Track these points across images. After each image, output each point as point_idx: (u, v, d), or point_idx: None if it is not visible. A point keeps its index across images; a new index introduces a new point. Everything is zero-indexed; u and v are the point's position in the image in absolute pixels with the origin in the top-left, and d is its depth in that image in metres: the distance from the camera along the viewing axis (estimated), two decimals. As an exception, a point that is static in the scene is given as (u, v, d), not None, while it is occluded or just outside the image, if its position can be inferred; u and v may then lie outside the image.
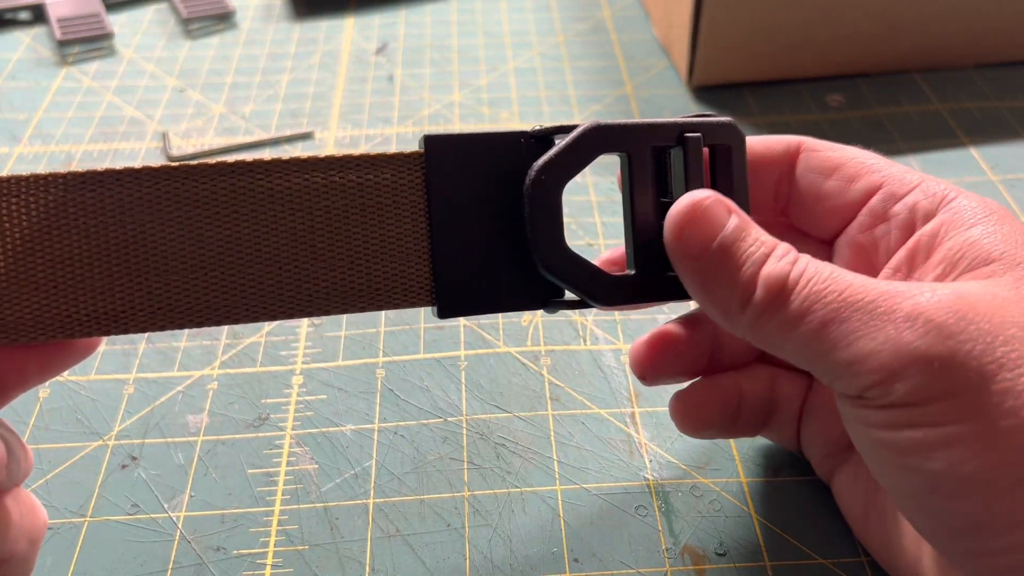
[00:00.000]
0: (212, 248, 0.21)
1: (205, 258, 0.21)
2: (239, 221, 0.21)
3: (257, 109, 0.47)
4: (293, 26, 0.54)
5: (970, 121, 0.44)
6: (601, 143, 0.23)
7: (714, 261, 0.21)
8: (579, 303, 0.23)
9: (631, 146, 0.23)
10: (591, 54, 0.51)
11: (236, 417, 0.31)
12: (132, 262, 0.20)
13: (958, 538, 0.19)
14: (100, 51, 0.52)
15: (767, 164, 0.25)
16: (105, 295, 0.20)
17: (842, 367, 0.19)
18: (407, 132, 0.45)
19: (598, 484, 0.29)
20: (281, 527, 0.27)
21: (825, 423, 0.26)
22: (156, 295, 0.21)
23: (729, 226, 0.21)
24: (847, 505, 0.26)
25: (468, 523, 0.27)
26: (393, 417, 0.31)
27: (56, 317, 0.20)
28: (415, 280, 0.22)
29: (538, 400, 0.31)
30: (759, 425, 0.27)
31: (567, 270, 0.22)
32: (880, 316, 0.19)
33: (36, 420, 0.31)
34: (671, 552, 0.27)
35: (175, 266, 0.21)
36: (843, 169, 0.24)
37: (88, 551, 0.27)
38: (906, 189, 0.23)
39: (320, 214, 0.22)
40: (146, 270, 0.21)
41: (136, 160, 0.43)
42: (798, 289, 0.20)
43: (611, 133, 0.23)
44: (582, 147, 0.22)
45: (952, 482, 0.18)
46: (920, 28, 0.46)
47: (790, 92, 0.47)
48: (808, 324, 0.20)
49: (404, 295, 0.22)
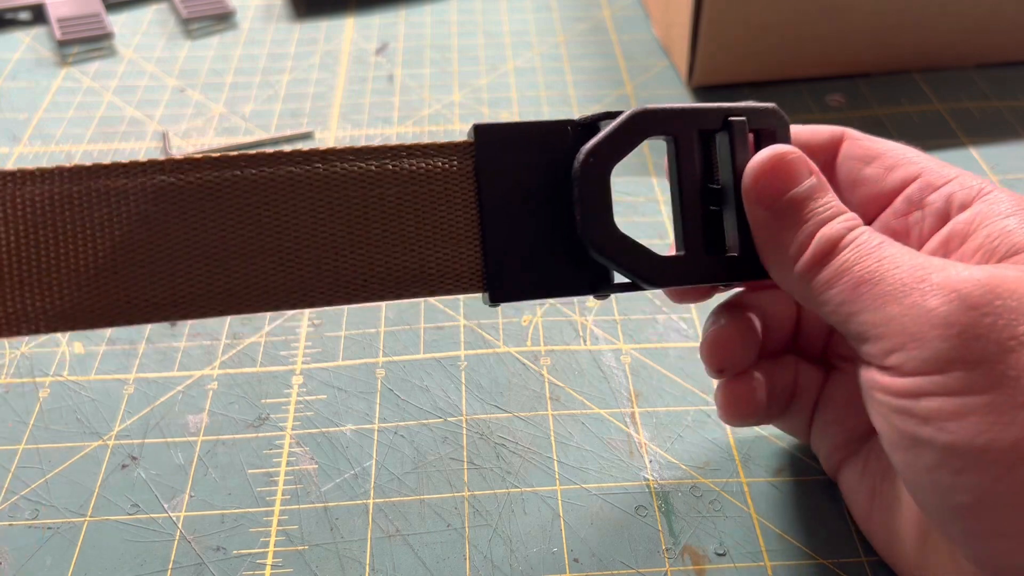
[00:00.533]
0: (271, 234, 0.21)
1: (264, 244, 0.21)
2: (297, 207, 0.21)
3: (257, 109, 0.47)
4: (293, 26, 0.54)
5: (970, 121, 0.44)
6: (648, 127, 0.23)
7: (784, 212, 0.22)
8: (628, 286, 0.23)
9: (677, 130, 0.23)
10: (591, 54, 0.51)
11: (236, 417, 0.31)
12: (202, 251, 0.21)
13: (964, 517, 0.19)
14: (100, 51, 0.52)
15: (811, 152, 0.26)
16: (184, 280, 0.21)
17: (867, 330, 0.20)
18: (407, 132, 0.45)
19: (598, 484, 0.29)
20: (281, 527, 0.27)
21: (838, 414, 0.26)
22: (227, 280, 0.21)
23: (806, 183, 0.22)
24: (852, 497, 0.26)
25: (468, 523, 0.27)
26: (393, 417, 0.31)
27: (155, 298, 0.21)
28: (467, 266, 0.23)
29: (538, 400, 0.31)
30: (781, 413, 0.27)
31: (617, 251, 0.22)
32: (910, 284, 0.20)
33: (36, 420, 0.31)
34: (671, 552, 0.27)
35: (240, 252, 0.21)
36: (883, 158, 0.25)
37: (88, 551, 0.27)
38: (943, 180, 0.24)
39: (374, 201, 0.22)
40: (215, 257, 0.21)
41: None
42: (843, 252, 0.21)
43: (658, 117, 0.23)
44: (629, 130, 0.23)
45: (963, 455, 0.18)
46: (920, 28, 0.46)
47: (790, 92, 0.47)
48: (844, 283, 0.21)
49: (456, 281, 0.22)
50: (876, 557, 0.26)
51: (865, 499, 0.25)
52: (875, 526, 0.25)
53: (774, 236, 0.23)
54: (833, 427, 0.27)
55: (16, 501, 0.28)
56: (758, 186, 0.23)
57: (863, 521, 0.26)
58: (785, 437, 0.30)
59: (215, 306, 0.21)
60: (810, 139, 0.26)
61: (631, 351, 0.33)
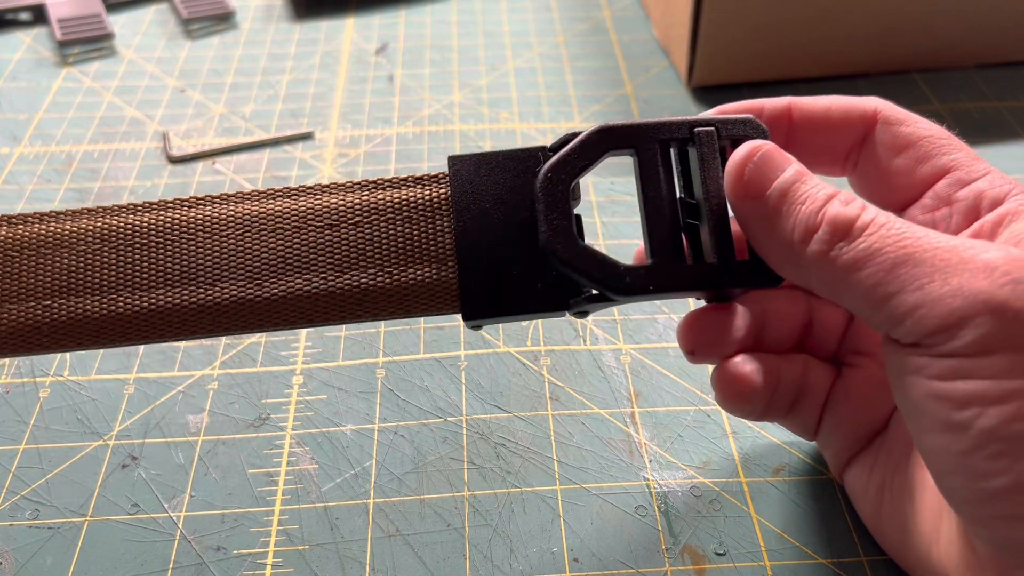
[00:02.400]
0: (257, 259, 0.23)
1: (252, 268, 0.23)
2: (279, 236, 0.24)
3: (257, 109, 0.47)
4: (293, 26, 0.54)
5: (970, 121, 0.44)
6: (607, 142, 0.23)
7: (776, 199, 0.22)
8: (599, 298, 0.23)
9: (637, 143, 0.23)
10: (591, 54, 0.51)
11: (236, 417, 0.31)
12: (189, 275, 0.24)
13: (994, 501, 0.19)
14: (100, 51, 0.52)
15: (842, 129, 0.25)
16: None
17: (907, 310, 0.19)
18: (407, 132, 0.45)
19: (598, 484, 0.29)
20: (281, 527, 0.27)
21: (850, 412, 0.26)
22: (209, 299, 0.23)
23: (790, 169, 0.22)
24: (860, 495, 0.26)
25: (468, 523, 0.28)
26: (393, 417, 0.31)
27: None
28: (442, 287, 0.23)
29: (538, 400, 0.31)
30: (786, 411, 0.27)
31: (580, 262, 0.22)
32: (955, 263, 0.19)
33: (36, 420, 0.31)
34: (671, 552, 0.27)
35: (227, 275, 0.23)
36: (914, 148, 0.24)
37: (88, 551, 0.27)
38: (974, 176, 0.23)
39: (350, 228, 0.24)
40: (197, 280, 0.23)
41: (137, 160, 0.43)
42: (869, 230, 0.20)
43: (616, 133, 0.23)
44: (588, 147, 0.23)
45: (1001, 440, 0.18)
46: (920, 28, 0.46)
47: (790, 92, 0.47)
48: (879, 264, 0.20)
49: (431, 300, 0.23)
50: (876, 556, 0.26)
51: (874, 495, 0.25)
52: (885, 522, 0.25)
53: (772, 227, 0.22)
54: (844, 425, 0.26)
55: (17, 501, 0.28)
56: (743, 181, 0.22)
57: (871, 518, 0.26)
58: (785, 436, 0.30)
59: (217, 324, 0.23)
60: (843, 117, 0.25)
61: (631, 351, 0.33)
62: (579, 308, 0.23)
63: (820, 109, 0.25)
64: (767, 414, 0.27)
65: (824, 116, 0.25)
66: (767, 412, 0.27)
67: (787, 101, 0.26)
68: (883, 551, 0.26)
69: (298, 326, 0.23)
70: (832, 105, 0.25)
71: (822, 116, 0.25)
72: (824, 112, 0.25)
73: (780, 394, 0.26)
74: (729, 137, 0.24)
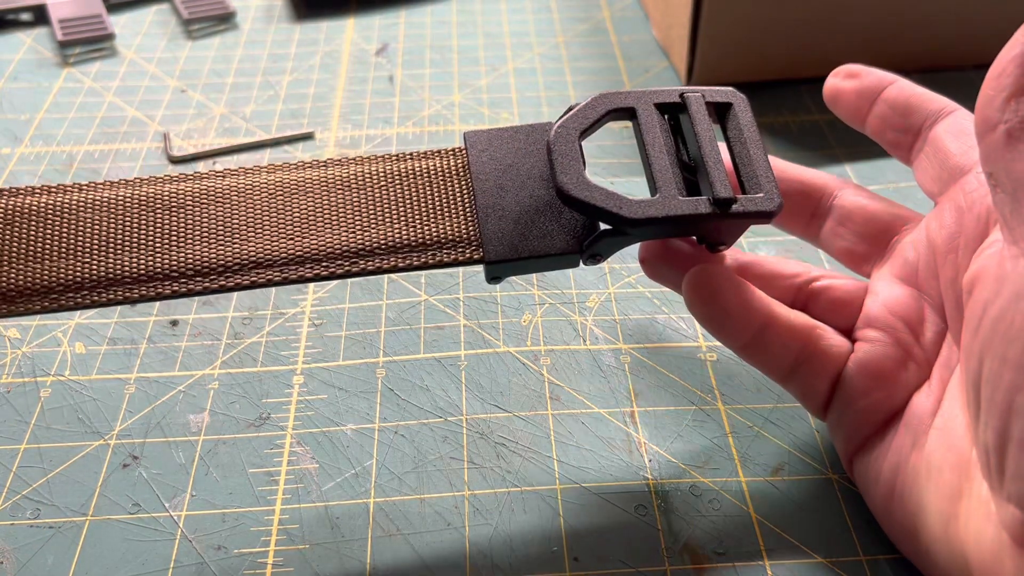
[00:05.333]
0: (289, 217, 0.25)
1: (284, 225, 0.25)
2: (310, 198, 0.26)
3: (258, 110, 0.47)
4: (294, 27, 0.55)
5: (970, 121, 0.44)
6: (609, 103, 0.26)
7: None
8: (611, 232, 0.25)
9: (636, 104, 0.26)
10: (591, 54, 0.52)
11: (237, 416, 0.31)
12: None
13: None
14: (101, 52, 0.52)
15: (923, 112, 0.28)
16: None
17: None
18: (407, 133, 0.45)
19: (598, 483, 0.29)
20: (282, 526, 0.28)
21: (864, 389, 0.26)
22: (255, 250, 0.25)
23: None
24: (872, 481, 0.26)
25: (468, 522, 0.28)
26: (393, 417, 0.31)
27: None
28: (464, 236, 0.25)
29: (538, 400, 0.31)
30: (786, 369, 0.27)
31: (591, 196, 0.24)
32: None
33: (37, 419, 0.31)
34: (671, 551, 0.27)
35: (261, 231, 0.25)
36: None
37: (89, 550, 0.27)
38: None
39: (377, 191, 0.26)
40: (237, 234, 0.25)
41: (137, 160, 0.43)
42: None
43: (615, 97, 0.26)
44: (593, 107, 0.26)
45: None
46: (920, 29, 0.46)
47: (790, 92, 0.47)
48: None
49: (455, 248, 0.25)
50: (875, 556, 0.26)
51: (887, 479, 0.25)
52: (896, 506, 0.25)
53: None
54: (857, 404, 0.26)
55: (17, 500, 0.28)
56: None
57: (883, 505, 0.25)
58: (784, 436, 0.30)
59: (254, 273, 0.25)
60: (924, 104, 0.28)
61: (631, 351, 0.33)
62: (593, 249, 0.25)
63: (918, 94, 0.29)
64: (758, 356, 0.27)
65: (920, 102, 0.28)
66: (757, 353, 0.27)
67: (894, 78, 0.30)
68: (883, 550, 0.26)
69: (328, 278, 0.24)
70: (923, 94, 0.28)
71: (919, 102, 0.28)
72: (920, 98, 0.28)
73: (778, 335, 0.26)
74: (712, 103, 0.27)
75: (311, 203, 0.25)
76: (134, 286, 0.24)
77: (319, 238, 0.25)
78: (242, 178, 0.26)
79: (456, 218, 0.25)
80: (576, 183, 0.24)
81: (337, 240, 0.25)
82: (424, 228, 0.25)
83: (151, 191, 0.25)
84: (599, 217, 0.24)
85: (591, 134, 0.26)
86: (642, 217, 0.24)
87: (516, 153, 0.26)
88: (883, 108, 0.29)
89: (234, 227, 0.25)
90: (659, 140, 0.26)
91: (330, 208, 0.25)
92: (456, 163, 0.26)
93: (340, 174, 0.26)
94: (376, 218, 0.25)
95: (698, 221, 0.25)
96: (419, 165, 0.26)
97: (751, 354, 0.27)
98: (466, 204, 0.26)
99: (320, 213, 0.25)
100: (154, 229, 0.25)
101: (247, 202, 0.25)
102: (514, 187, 0.26)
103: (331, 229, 0.25)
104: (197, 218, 0.25)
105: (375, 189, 0.26)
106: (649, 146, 0.25)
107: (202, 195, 0.25)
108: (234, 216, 0.25)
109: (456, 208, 0.26)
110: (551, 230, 0.25)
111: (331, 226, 0.25)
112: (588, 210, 0.24)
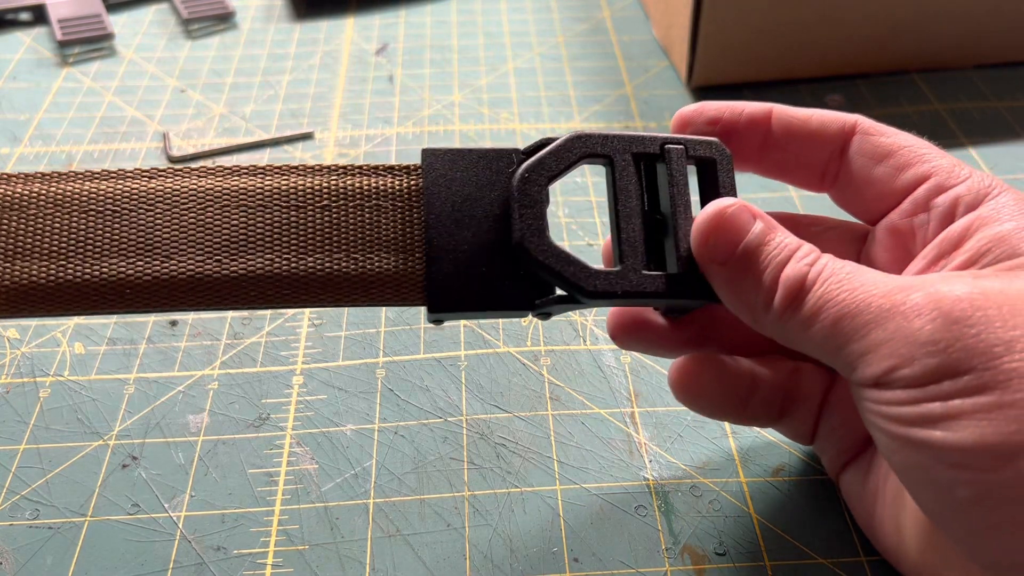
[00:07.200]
0: (218, 235, 0.23)
1: (212, 244, 0.22)
2: (243, 214, 0.23)
3: (257, 109, 0.47)
4: (293, 27, 0.54)
5: (970, 121, 0.45)
6: (582, 149, 0.24)
7: (740, 265, 0.23)
8: (566, 299, 0.23)
9: (612, 153, 0.24)
10: (591, 54, 0.51)
11: (236, 417, 0.31)
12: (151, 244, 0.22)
13: (963, 512, 0.19)
14: (101, 52, 0.52)
15: (820, 142, 0.26)
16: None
17: (855, 358, 0.20)
18: (407, 132, 0.45)
19: (598, 484, 0.29)
20: (281, 527, 0.28)
21: (846, 416, 0.26)
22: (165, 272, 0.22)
23: (754, 231, 0.23)
24: (856, 498, 0.26)
25: (468, 523, 0.28)
26: (393, 417, 0.31)
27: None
28: (408, 277, 0.23)
29: (538, 400, 0.31)
30: (774, 417, 0.27)
31: (552, 261, 0.23)
32: (890, 309, 0.20)
33: (36, 419, 0.31)
34: (671, 552, 0.27)
35: (185, 249, 0.22)
36: (894, 157, 0.25)
37: (88, 551, 0.27)
38: (953, 182, 0.24)
39: (317, 211, 0.23)
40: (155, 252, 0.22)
41: (137, 160, 0.43)
42: (814, 289, 0.21)
43: (592, 140, 0.24)
44: (565, 152, 0.24)
45: (959, 452, 0.19)
46: (920, 28, 0.46)
47: (790, 92, 0.47)
48: (823, 321, 0.21)
49: (397, 290, 0.23)
50: (876, 557, 0.26)
51: (869, 499, 0.25)
52: (879, 526, 0.25)
53: (737, 290, 0.23)
54: (839, 431, 0.26)
55: (17, 501, 0.28)
56: (710, 247, 0.23)
57: (866, 521, 0.26)
58: (784, 436, 0.30)
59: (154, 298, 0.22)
60: (820, 129, 0.26)
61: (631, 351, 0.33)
62: (544, 309, 0.24)
63: (799, 118, 0.26)
64: (747, 418, 0.27)
65: (803, 125, 0.26)
66: (746, 417, 0.27)
67: (768, 107, 0.26)
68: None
69: (256, 307, 0.22)
70: (812, 115, 0.26)
71: (800, 124, 0.26)
72: (803, 121, 0.26)
73: (762, 399, 0.26)
74: (695, 157, 0.25)
75: (244, 219, 0.23)
76: (37, 302, 0.21)
77: (249, 262, 0.22)
78: (169, 181, 0.23)
79: (402, 254, 0.23)
80: (537, 243, 0.23)
81: (270, 267, 0.22)
82: (366, 260, 0.23)
83: (64, 189, 0.22)
84: (557, 283, 0.23)
85: (561, 178, 0.24)
86: (600, 291, 0.23)
87: (477, 184, 0.24)
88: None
89: (155, 240, 0.22)
90: (632, 199, 0.24)
91: (265, 227, 0.23)
92: (409, 184, 0.24)
93: (279, 185, 0.23)
94: (315, 244, 0.23)
95: (655, 298, 0.24)
96: (368, 183, 0.23)
97: (742, 422, 0.28)
98: (415, 237, 0.23)
99: (254, 232, 0.22)
100: (66, 233, 0.22)
101: (172, 211, 0.22)
102: (471, 224, 0.23)
103: (263, 253, 0.22)
104: (115, 225, 0.22)
105: (316, 209, 0.23)
106: (621, 204, 0.24)
107: (123, 197, 0.22)
108: (156, 226, 0.22)
109: (404, 240, 0.23)
110: (503, 282, 0.23)
111: (264, 249, 0.22)
112: (547, 273, 0.23)
